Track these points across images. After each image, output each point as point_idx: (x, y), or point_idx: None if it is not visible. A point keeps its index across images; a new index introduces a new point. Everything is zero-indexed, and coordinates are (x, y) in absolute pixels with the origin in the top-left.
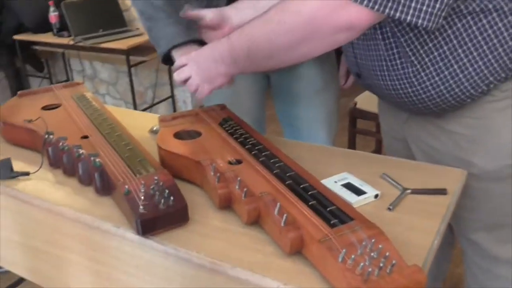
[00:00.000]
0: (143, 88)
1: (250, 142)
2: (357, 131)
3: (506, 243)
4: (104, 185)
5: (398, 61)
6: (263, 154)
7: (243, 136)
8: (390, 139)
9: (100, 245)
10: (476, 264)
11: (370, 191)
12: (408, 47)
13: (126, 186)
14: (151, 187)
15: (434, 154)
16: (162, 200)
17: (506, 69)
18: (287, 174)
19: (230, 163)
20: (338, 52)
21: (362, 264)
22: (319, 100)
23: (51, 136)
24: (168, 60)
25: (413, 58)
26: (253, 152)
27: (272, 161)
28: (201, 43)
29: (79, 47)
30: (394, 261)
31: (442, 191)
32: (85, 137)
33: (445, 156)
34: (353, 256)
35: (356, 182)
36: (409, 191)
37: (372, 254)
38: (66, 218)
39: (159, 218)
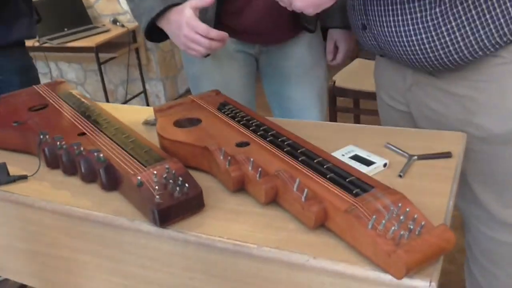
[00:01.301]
0: (113, 86)
1: (254, 124)
2: (337, 109)
3: (509, 207)
4: (110, 180)
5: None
6: (269, 134)
7: (245, 118)
8: (388, 110)
9: (113, 242)
10: (481, 232)
11: (379, 161)
12: None
13: (139, 177)
14: (164, 176)
15: (439, 119)
16: (177, 188)
17: None
18: (299, 151)
19: (237, 145)
20: (324, 29)
21: (392, 228)
22: (308, 79)
23: (46, 136)
24: (152, 35)
25: (437, 9)
26: (259, 133)
27: (280, 139)
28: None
29: (45, 48)
30: (423, 222)
31: (447, 154)
32: (82, 134)
33: (451, 120)
34: (383, 222)
35: (363, 154)
36: (415, 157)
37: (401, 218)
38: (73, 218)
39: (175, 206)
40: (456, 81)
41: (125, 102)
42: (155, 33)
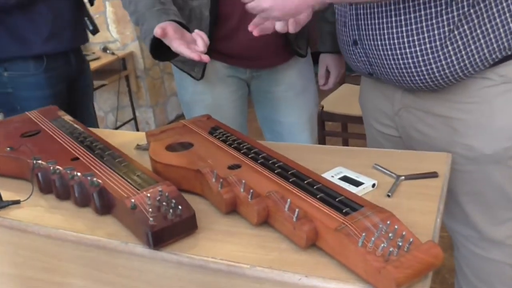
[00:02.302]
0: (103, 113)
1: (245, 147)
2: (326, 133)
3: (501, 224)
4: (104, 203)
5: (423, 14)
6: (260, 156)
7: (236, 142)
8: (376, 135)
9: (107, 265)
10: (471, 251)
11: (367, 181)
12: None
13: (133, 200)
14: (157, 198)
15: (428, 142)
16: (171, 211)
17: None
18: (289, 172)
19: (229, 168)
20: (315, 54)
21: (382, 245)
22: (299, 104)
23: (39, 161)
24: (161, 56)
25: (444, 17)
26: (250, 156)
27: (271, 162)
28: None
29: None
30: (411, 239)
31: (433, 174)
32: (75, 159)
33: (440, 142)
34: (373, 239)
35: (352, 175)
36: (402, 177)
37: (389, 235)
38: (66, 242)
39: (169, 228)
40: (445, 103)
41: (115, 129)
42: (164, 52)
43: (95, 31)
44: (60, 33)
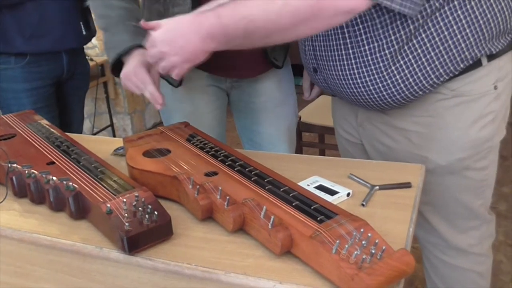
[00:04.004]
0: None
1: (222, 154)
2: (303, 144)
3: (463, 233)
4: (79, 208)
5: (367, 48)
6: (237, 164)
7: (214, 149)
8: (345, 143)
9: (80, 270)
10: (438, 259)
11: (342, 191)
12: (384, 34)
13: (108, 205)
14: (133, 204)
15: (389, 153)
16: (147, 216)
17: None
18: (265, 180)
19: (206, 175)
20: (299, 66)
21: (355, 253)
22: (278, 114)
23: (14, 165)
24: (118, 71)
25: (387, 51)
26: (227, 163)
27: (247, 169)
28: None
29: None
30: (384, 247)
31: (407, 185)
32: (51, 163)
33: (400, 154)
34: (346, 246)
35: (327, 184)
36: (377, 187)
37: (363, 242)
38: (40, 246)
39: (145, 233)
40: (403, 117)
41: (93, 135)
42: (120, 69)
43: (88, 36)
44: (46, 34)
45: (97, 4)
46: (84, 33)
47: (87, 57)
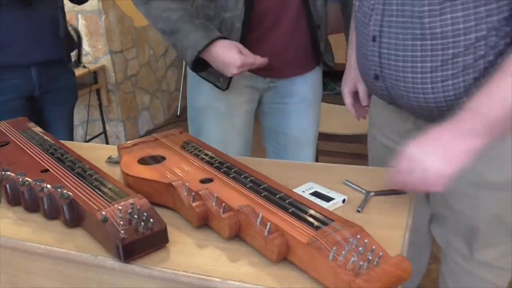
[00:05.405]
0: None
1: (217, 161)
2: None
3: (493, 246)
4: (74, 216)
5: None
6: (232, 170)
7: (208, 156)
8: (379, 147)
9: (75, 279)
10: (458, 265)
11: (338, 197)
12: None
13: (104, 213)
14: (129, 211)
15: None
16: (142, 224)
17: None
18: (261, 187)
19: (201, 182)
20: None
21: (352, 259)
22: (307, 117)
23: (8, 173)
24: (198, 67)
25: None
26: (222, 170)
27: (243, 176)
28: (224, 38)
29: None
30: (380, 253)
31: (401, 191)
32: (45, 170)
33: None
34: (343, 253)
35: (323, 190)
36: (372, 193)
37: (359, 249)
38: (34, 255)
39: (140, 241)
40: None
41: (86, 142)
42: (200, 64)
43: (66, 47)
44: (4, 46)
45: (156, 8)
46: (56, 44)
47: (80, 65)
